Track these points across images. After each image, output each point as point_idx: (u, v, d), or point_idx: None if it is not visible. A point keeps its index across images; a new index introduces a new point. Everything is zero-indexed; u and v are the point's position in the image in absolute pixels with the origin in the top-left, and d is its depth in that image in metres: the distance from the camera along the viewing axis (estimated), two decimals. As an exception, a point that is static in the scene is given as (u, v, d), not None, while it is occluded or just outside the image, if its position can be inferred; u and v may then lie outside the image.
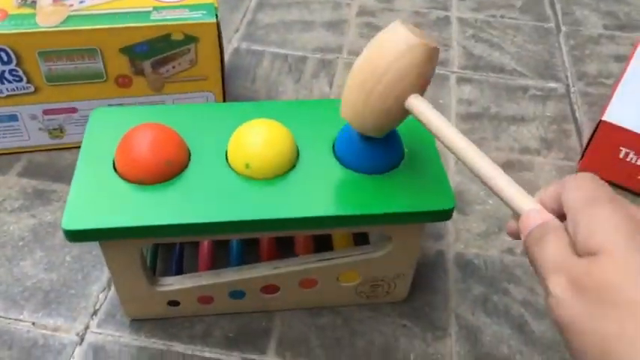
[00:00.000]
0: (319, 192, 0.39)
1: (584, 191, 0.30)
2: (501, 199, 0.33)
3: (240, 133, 0.40)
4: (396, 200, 0.39)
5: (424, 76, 0.36)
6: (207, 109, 0.46)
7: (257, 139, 0.39)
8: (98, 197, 0.38)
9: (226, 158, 0.41)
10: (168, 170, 0.38)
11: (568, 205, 0.30)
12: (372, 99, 0.36)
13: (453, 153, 0.35)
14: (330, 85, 0.71)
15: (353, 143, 0.41)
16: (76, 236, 0.36)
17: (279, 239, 0.48)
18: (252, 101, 0.68)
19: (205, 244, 0.47)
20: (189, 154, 0.41)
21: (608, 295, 0.26)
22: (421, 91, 0.37)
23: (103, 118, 0.44)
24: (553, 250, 0.29)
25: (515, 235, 0.33)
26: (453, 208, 0.39)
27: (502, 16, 0.85)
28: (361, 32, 0.80)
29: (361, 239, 0.50)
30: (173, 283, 0.42)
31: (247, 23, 0.80)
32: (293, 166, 0.40)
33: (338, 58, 0.75)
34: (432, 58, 0.36)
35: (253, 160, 0.39)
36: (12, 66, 0.53)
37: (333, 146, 0.42)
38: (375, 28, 0.81)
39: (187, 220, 0.36)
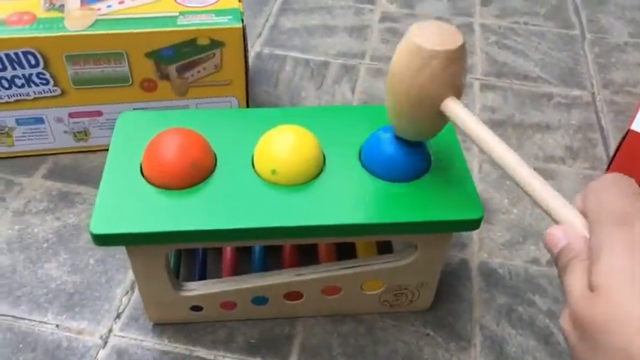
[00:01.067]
0: (346, 199, 0.39)
1: (599, 203, 0.28)
2: (540, 206, 0.32)
3: (267, 139, 0.40)
4: (423, 209, 0.38)
5: (453, 77, 0.35)
6: (234, 115, 0.46)
7: (284, 145, 0.39)
8: (125, 201, 0.38)
9: (252, 164, 0.41)
10: (195, 175, 0.38)
11: (587, 217, 0.29)
12: (406, 105, 0.36)
13: (490, 156, 0.34)
14: (353, 91, 0.71)
15: (380, 151, 0.40)
16: (103, 240, 0.36)
17: (301, 246, 0.48)
18: (278, 107, 0.68)
19: (228, 249, 0.47)
20: (216, 159, 0.41)
21: (602, 338, 0.25)
22: (456, 92, 0.36)
23: (130, 122, 0.44)
24: (573, 281, 0.28)
25: None
26: (482, 217, 0.39)
27: (526, 23, 0.84)
28: (384, 38, 0.79)
29: (384, 247, 0.49)
30: (196, 289, 0.42)
31: (270, 28, 0.80)
32: (319, 173, 0.40)
33: (360, 63, 0.75)
34: (457, 59, 0.35)
35: (280, 166, 0.39)
36: (39, 69, 0.54)
37: (360, 153, 0.42)
38: (398, 35, 0.80)
39: (214, 227, 0.36)
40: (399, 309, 0.47)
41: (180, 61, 0.56)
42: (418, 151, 0.40)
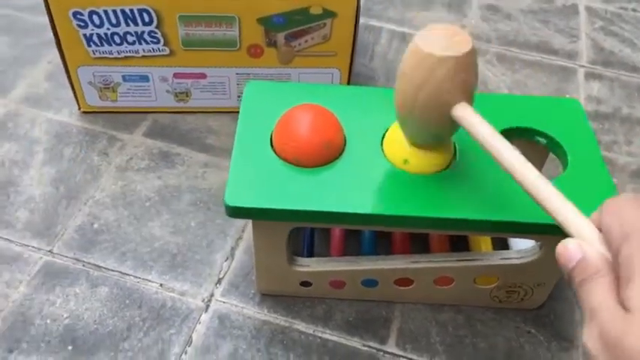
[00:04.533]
0: (479, 193, 0.37)
1: (622, 219, 0.27)
2: (553, 218, 0.30)
3: (399, 129, 0.39)
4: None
5: (463, 83, 0.34)
6: (361, 93, 0.45)
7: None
8: (258, 175, 0.38)
9: (381, 147, 0.40)
10: (327, 153, 0.38)
11: (606, 235, 0.27)
12: (416, 111, 0.35)
13: (500, 164, 0.32)
14: (451, 69, 0.69)
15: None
16: (236, 212, 0.36)
17: (413, 233, 0.47)
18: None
19: (337, 230, 0.47)
20: (345, 139, 0.40)
21: None
22: (467, 98, 0.35)
23: (257, 92, 0.43)
24: (598, 299, 0.26)
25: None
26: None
27: (634, 10, 0.79)
28: (483, 15, 0.76)
29: (500, 241, 0.48)
30: (309, 265, 0.42)
31: (366, -3, 0.78)
32: (449, 164, 0.39)
33: (459, 41, 0.72)
34: (467, 64, 0.34)
35: (412, 157, 0.38)
36: (152, 27, 0.54)
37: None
38: (499, 14, 0.77)
39: (348, 210, 0.36)
40: (507, 305, 0.46)
41: (290, 29, 0.55)
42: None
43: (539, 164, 0.47)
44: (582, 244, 0.28)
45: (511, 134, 0.42)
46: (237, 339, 0.44)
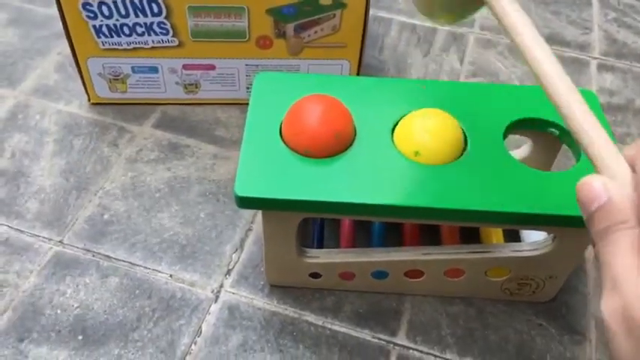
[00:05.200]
0: (490, 184, 0.37)
1: None
2: (579, 143, 0.25)
3: (410, 121, 0.39)
4: (568, 201, 0.36)
5: None
6: (370, 83, 0.44)
7: (427, 129, 0.38)
8: (267, 166, 0.37)
9: (391, 138, 0.39)
10: (337, 144, 0.38)
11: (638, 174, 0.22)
12: None
13: (526, 62, 0.28)
14: (461, 61, 0.68)
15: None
16: (246, 203, 0.36)
17: (423, 224, 0.47)
18: (415, 79, 0.66)
19: (347, 221, 0.47)
20: (355, 130, 0.40)
21: None
22: None
23: (267, 83, 0.43)
24: (618, 258, 0.22)
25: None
26: None
27: (648, 0, 0.78)
28: (494, 7, 0.76)
29: (511, 233, 0.48)
30: (319, 256, 0.42)
31: (376, -12, 0.77)
32: (461, 154, 0.39)
33: (469, 32, 0.72)
34: None
35: (423, 148, 0.38)
36: (161, 18, 0.53)
37: (504, 136, 0.40)
38: (510, 4, 0.76)
39: (359, 200, 0.35)
40: (518, 298, 0.45)
41: (300, 20, 0.54)
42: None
43: (551, 156, 0.46)
44: (610, 183, 0.23)
45: (523, 125, 0.42)
46: (247, 330, 0.44)
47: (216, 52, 0.56)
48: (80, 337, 0.44)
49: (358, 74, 0.59)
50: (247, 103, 0.42)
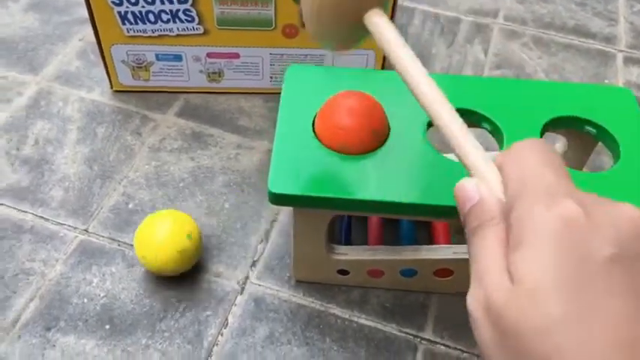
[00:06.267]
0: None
1: (522, 171, 0.24)
2: (455, 152, 0.27)
3: None
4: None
5: None
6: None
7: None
8: (301, 163, 0.37)
9: (425, 135, 0.39)
10: (374, 141, 0.37)
11: (504, 184, 0.24)
12: (327, 9, 0.31)
13: (409, 87, 0.29)
14: (485, 52, 0.67)
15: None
16: (279, 199, 0.36)
17: (452, 222, 0.46)
18: (451, 75, 0.65)
19: (374, 218, 0.46)
20: (389, 127, 0.39)
21: (518, 341, 0.21)
22: (379, 3, 0.31)
23: (299, 76, 0.42)
24: (484, 252, 0.23)
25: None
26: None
27: (675, -8, 0.77)
28: (519, -3, 0.74)
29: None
30: (348, 253, 0.42)
31: (398, -24, 0.76)
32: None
33: (494, 23, 0.71)
34: None
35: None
36: (187, 5, 0.53)
37: (541, 134, 0.39)
38: (535, -6, 0.75)
39: (394, 199, 0.35)
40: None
41: (327, 9, 0.54)
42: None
43: (586, 155, 0.45)
44: (481, 185, 0.25)
45: (559, 123, 0.41)
46: (274, 322, 0.44)
47: (241, 41, 0.56)
48: (107, 327, 0.44)
49: (383, 64, 0.58)
50: (271, 93, 0.41)
